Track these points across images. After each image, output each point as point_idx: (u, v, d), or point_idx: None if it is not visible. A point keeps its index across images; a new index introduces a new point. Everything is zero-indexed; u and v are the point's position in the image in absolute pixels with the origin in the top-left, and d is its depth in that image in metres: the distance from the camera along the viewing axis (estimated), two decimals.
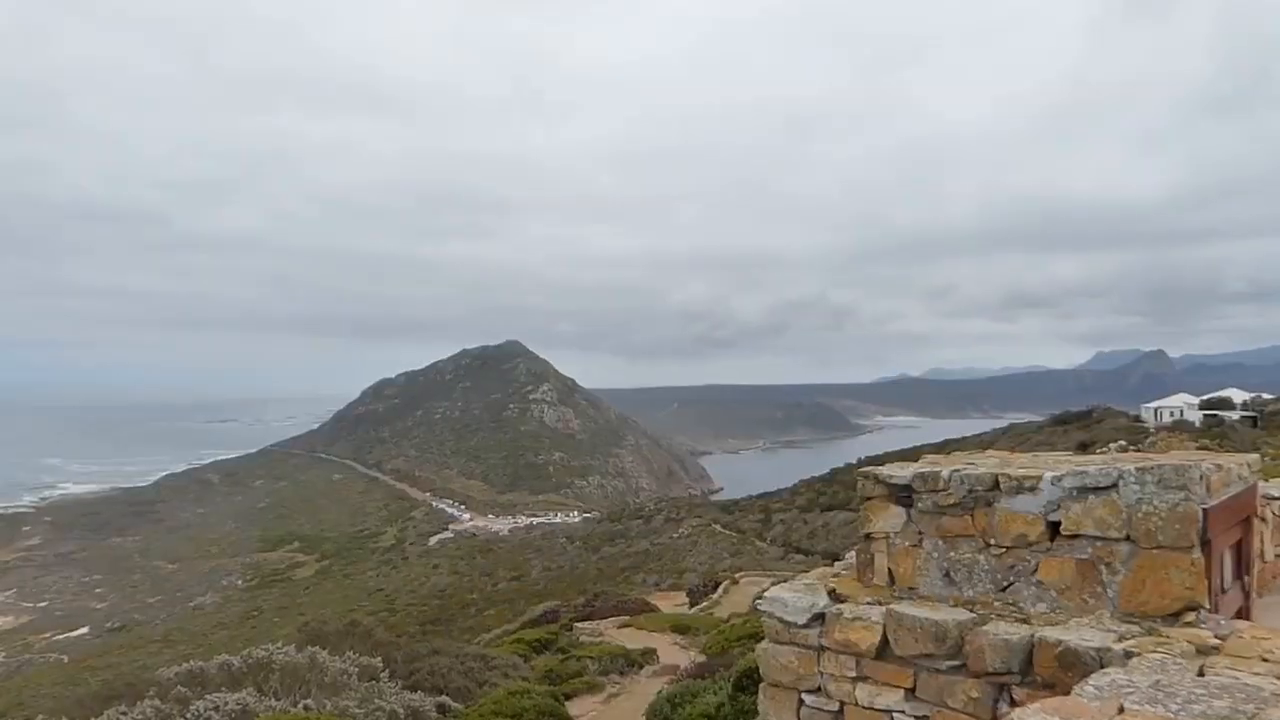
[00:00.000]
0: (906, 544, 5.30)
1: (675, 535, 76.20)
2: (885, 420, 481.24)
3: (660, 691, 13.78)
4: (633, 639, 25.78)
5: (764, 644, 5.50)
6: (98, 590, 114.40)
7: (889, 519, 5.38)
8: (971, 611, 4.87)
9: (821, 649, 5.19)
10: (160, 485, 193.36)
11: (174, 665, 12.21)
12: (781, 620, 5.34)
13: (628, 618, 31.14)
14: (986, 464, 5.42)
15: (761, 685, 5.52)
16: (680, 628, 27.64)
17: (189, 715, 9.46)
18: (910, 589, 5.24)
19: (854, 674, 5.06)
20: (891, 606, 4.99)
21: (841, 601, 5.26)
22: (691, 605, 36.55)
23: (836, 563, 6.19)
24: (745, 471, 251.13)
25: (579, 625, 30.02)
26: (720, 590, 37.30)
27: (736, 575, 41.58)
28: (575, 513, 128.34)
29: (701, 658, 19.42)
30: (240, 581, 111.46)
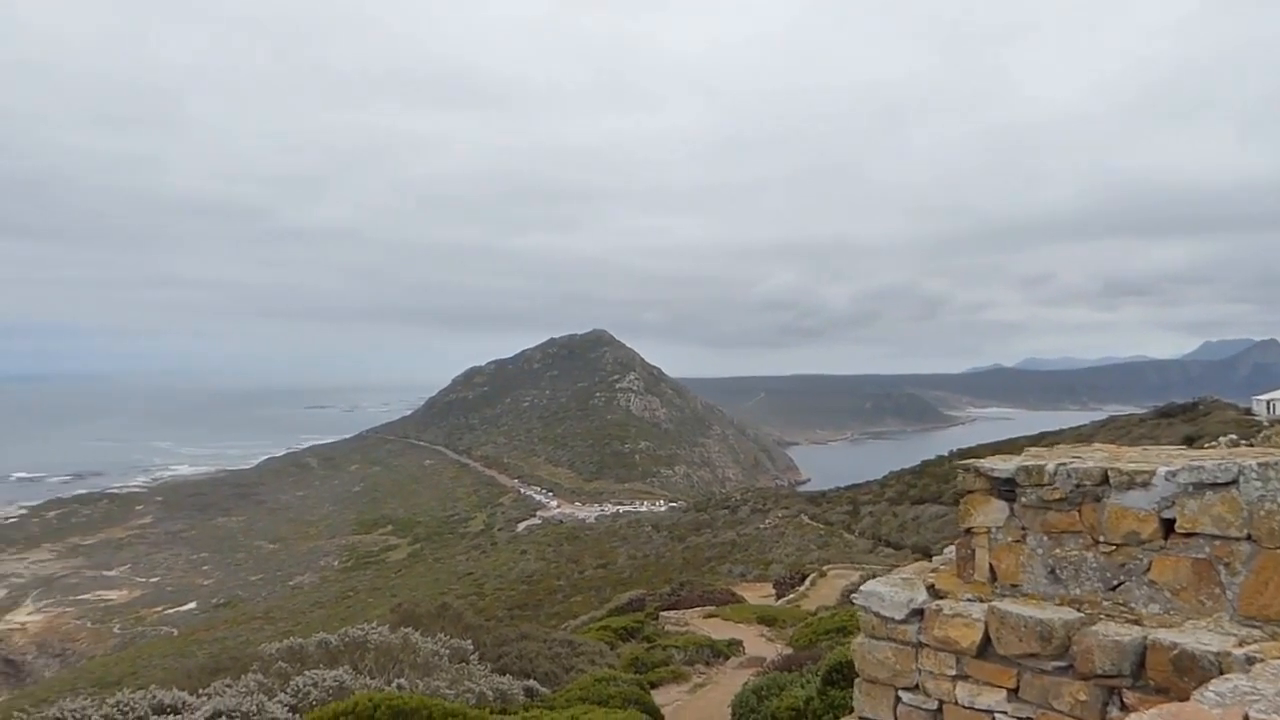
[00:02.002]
0: (1009, 539, 5.09)
1: (761, 526, 75.71)
2: (977, 411, 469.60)
3: (747, 683, 13.69)
4: (718, 629, 25.74)
5: (860, 638, 5.37)
6: (204, 568, 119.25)
7: (990, 513, 5.19)
8: (1079, 611, 4.65)
9: (920, 645, 5.03)
10: (262, 468, 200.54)
11: (275, 641, 12.60)
12: (878, 615, 5.20)
13: (713, 608, 31.11)
14: (1094, 457, 5.17)
15: (857, 681, 5.40)
16: (767, 619, 27.50)
17: (289, 690, 9.74)
18: (1013, 586, 5.04)
19: (954, 672, 4.89)
20: (994, 604, 4.81)
21: (941, 597, 5.09)
22: (778, 597, 36.31)
23: (935, 558, 6.01)
24: (832, 462, 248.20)
25: (664, 614, 30.07)
26: (807, 582, 36.94)
27: (824, 568, 41.14)
28: (661, 502, 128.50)
29: (789, 650, 19.26)
30: (336, 562, 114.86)
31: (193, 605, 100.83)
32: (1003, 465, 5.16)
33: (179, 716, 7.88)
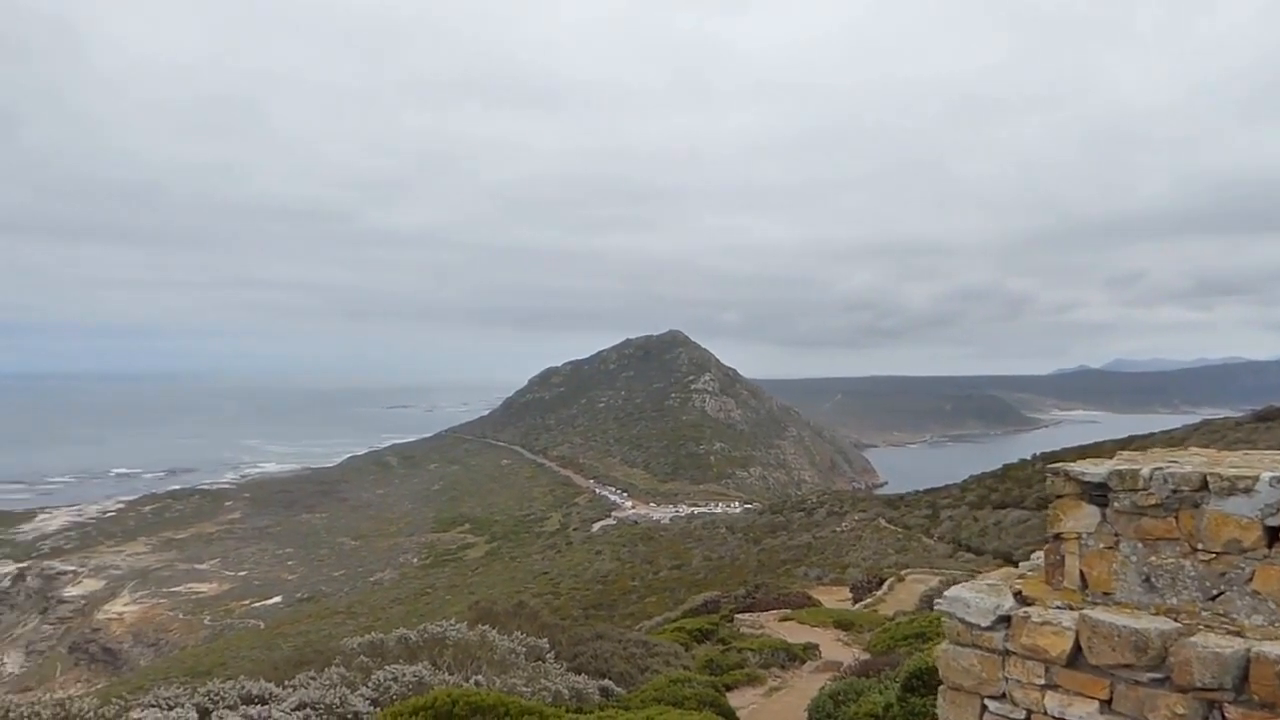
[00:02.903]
0: (1101, 546, 4.91)
1: (838, 529, 74.80)
2: (1062, 414, 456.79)
3: (823, 688, 13.52)
4: (794, 633, 25.50)
5: (944, 645, 5.23)
6: (289, 563, 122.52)
7: (1081, 519, 5.00)
8: (1175, 621, 4.46)
9: (1007, 653, 4.87)
10: (344, 466, 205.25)
11: (356, 636, 12.85)
12: (963, 621, 5.06)
13: (789, 611, 30.84)
14: (1192, 462, 4.95)
15: (941, 688, 5.26)
16: (843, 623, 27.13)
17: (371, 684, 9.92)
18: (1105, 594, 4.85)
19: (1043, 681, 4.72)
20: (1085, 612, 4.64)
21: (1029, 604, 4.93)
22: (855, 601, 35.84)
23: (1022, 564, 5.83)
24: (911, 465, 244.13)
25: (739, 616, 29.91)
26: (885, 587, 36.37)
27: (902, 572, 40.45)
28: (736, 503, 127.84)
29: (866, 655, 18.97)
30: (415, 559, 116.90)
31: (278, 599, 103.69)
32: (1094, 469, 4.97)
33: (266, 707, 8.08)
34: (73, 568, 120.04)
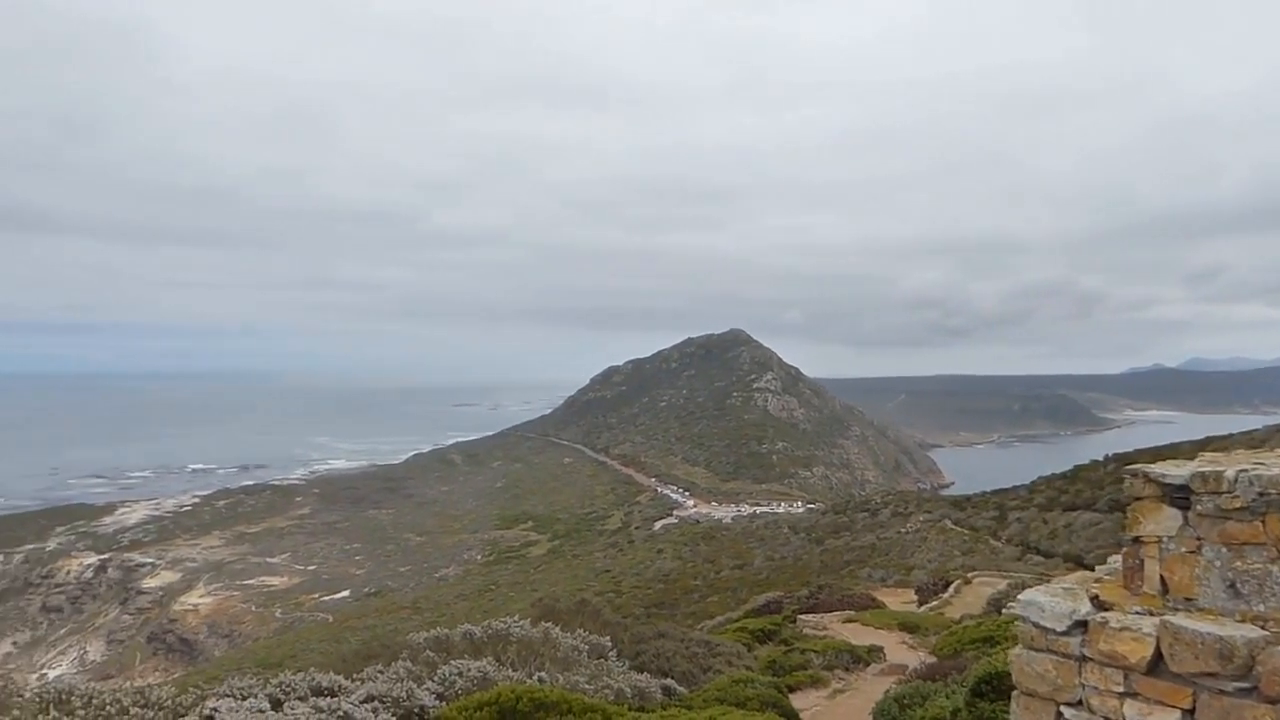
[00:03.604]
0: (1182, 550, 4.73)
1: (903, 530, 73.80)
2: (1135, 414, 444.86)
3: (888, 691, 13.34)
4: (858, 634, 25.20)
5: (1017, 649, 5.10)
6: (357, 558, 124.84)
7: (1161, 522, 4.83)
8: (1263, 629, 4.28)
9: (1083, 659, 4.73)
10: (410, 464, 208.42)
11: (422, 631, 13.01)
12: (1038, 626, 4.92)
13: (852, 612, 30.51)
14: (1279, 464, 4.76)
15: (1014, 694, 5.13)
16: (908, 626, 26.75)
17: (436, 678, 10.04)
18: (1186, 599, 4.68)
19: (1121, 689, 4.57)
20: (1166, 618, 4.48)
21: (1106, 609, 4.78)
22: (920, 604, 35.31)
23: (1099, 567, 5.65)
24: (978, 466, 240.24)
25: (802, 617, 29.67)
26: (951, 589, 35.75)
27: (969, 574, 39.73)
28: (799, 503, 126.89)
29: (932, 659, 18.67)
30: (479, 556, 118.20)
31: (346, 593, 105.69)
32: (1176, 471, 4.79)
33: (335, 699, 8.22)
34: (151, 560, 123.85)
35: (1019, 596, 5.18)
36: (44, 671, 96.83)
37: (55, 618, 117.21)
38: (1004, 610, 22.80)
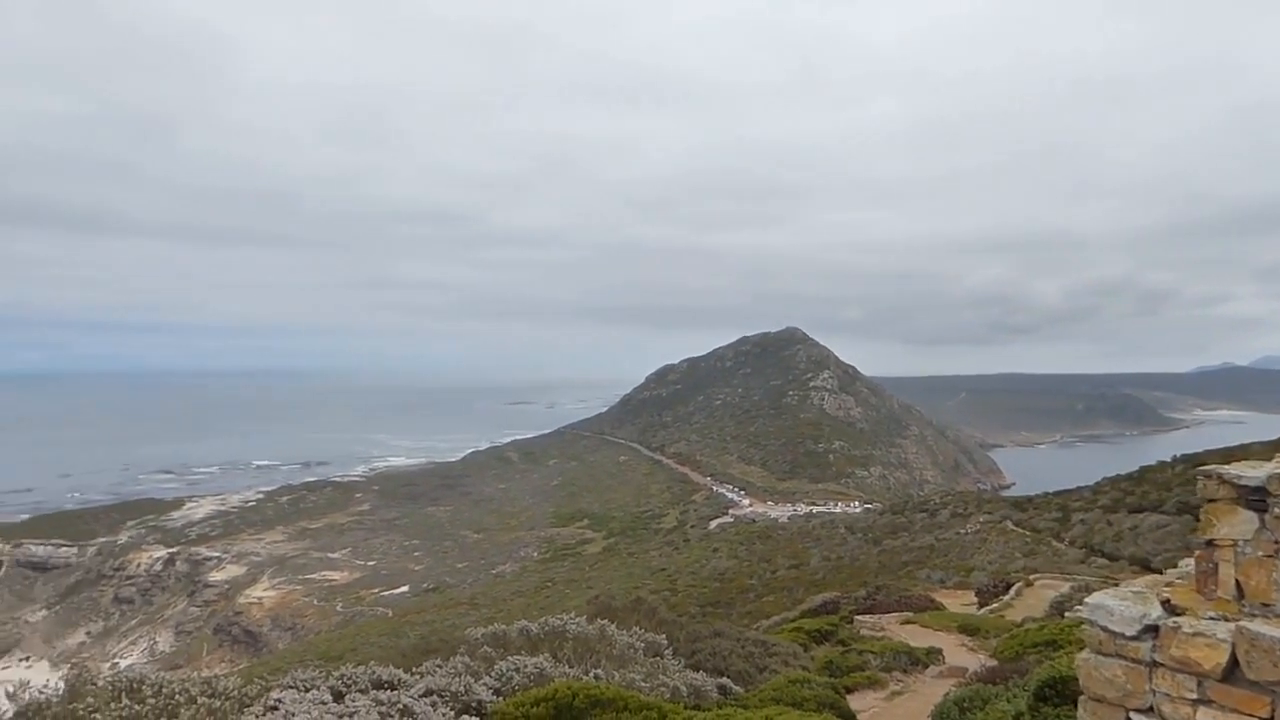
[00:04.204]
0: (1259, 554, 4.57)
1: (962, 531, 72.65)
2: (1205, 414, 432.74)
3: (948, 694, 13.13)
4: (916, 636, 24.88)
5: (1085, 654, 4.97)
6: (415, 554, 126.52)
7: (1237, 525, 4.67)
8: None
9: (1154, 664, 4.59)
10: (467, 461, 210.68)
11: (480, 627, 13.12)
12: (1106, 630, 4.79)
13: (910, 614, 30.14)
14: None
15: (1081, 699, 5.00)
16: (968, 628, 26.34)
17: (493, 674, 10.12)
18: (1264, 605, 4.52)
19: (1194, 696, 4.43)
20: (1242, 624, 4.33)
21: (1178, 614, 4.63)
22: (980, 606, 34.74)
23: (1169, 571, 5.49)
24: (1040, 466, 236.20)
25: (859, 618, 29.37)
26: (1012, 592, 35.11)
27: (1030, 577, 38.99)
28: (856, 503, 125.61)
29: (992, 662, 18.37)
30: (535, 553, 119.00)
31: (405, 589, 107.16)
32: (1252, 473, 4.62)
33: (395, 692, 8.33)
34: (217, 554, 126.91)
35: (1086, 599, 5.05)
36: (116, 660, 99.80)
37: (126, 609, 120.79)
38: (1068, 613, 22.34)
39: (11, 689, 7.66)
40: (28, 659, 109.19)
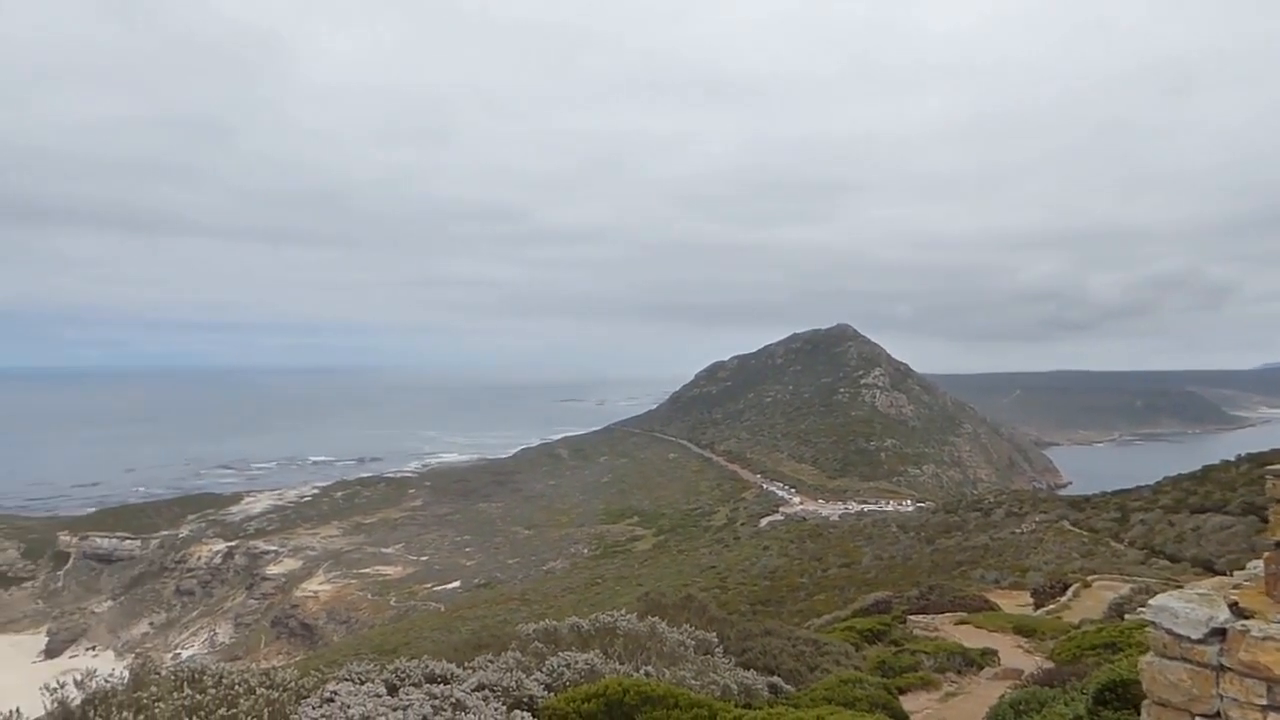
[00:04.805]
0: None
1: (1017, 530, 71.49)
2: (1271, 412, 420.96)
3: (1003, 696, 12.93)
4: (970, 637, 24.54)
5: (1149, 657, 4.85)
6: (467, 549, 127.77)
7: None
8: None
9: (1221, 668, 4.47)
10: (518, 458, 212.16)
11: (531, 622, 13.21)
12: (1171, 633, 4.67)
13: (965, 614, 29.73)
14: None
15: (1145, 704, 4.88)
16: (1024, 630, 25.92)
17: (545, 669, 10.18)
18: None
19: (1264, 702, 4.30)
20: None
21: (1246, 617, 4.50)
22: (1036, 607, 34.16)
23: (1237, 573, 5.34)
24: (1097, 465, 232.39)
25: (912, 618, 29.04)
26: (1069, 593, 34.46)
27: (1088, 578, 38.25)
28: (908, 502, 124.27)
29: (1049, 664, 18.06)
30: (585, 550, 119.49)
31: (457, 584, 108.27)
32: None
33: (448, 686, 8.41)
34: (274, 548, 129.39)
35: (1150, 601, 4.93)
36: (178, 651, 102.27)
37: (187, 600, 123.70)
38: (1128, 615, 21.86)
39: (79, 677, 7.88)
40: (94, 648, 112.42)
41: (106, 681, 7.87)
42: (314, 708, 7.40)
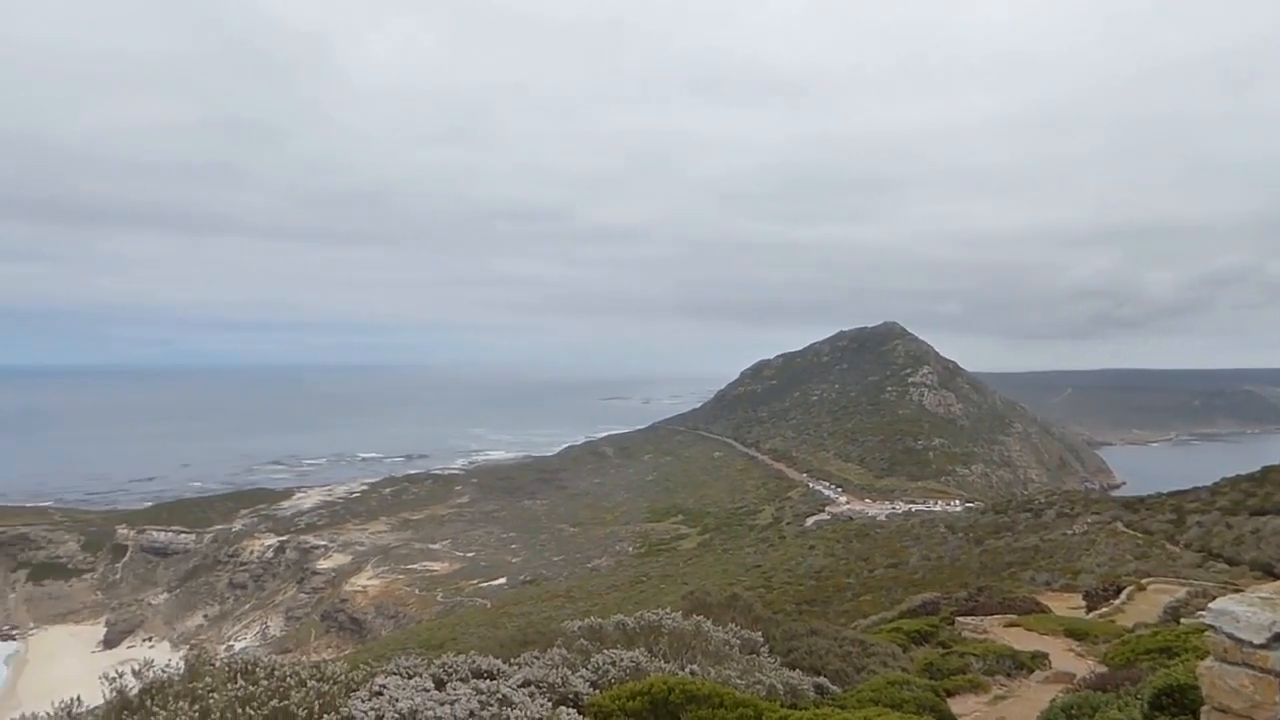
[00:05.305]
0: None
1: (1069, 532, 70.26)
2: None
3: (1054, 700, 12.73)
4: (1020, 639, 24.22)
5: (1208, 662, 4.73)
6: (512, 546, 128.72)
7: None
8: None
9: None
10: (563, 455, 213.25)
11: (576, 620, 13.26)
12: (1232, 637, 4.55)
13: (1015, 616, 29.33)
14: None
15: (1204, 709, 4.77)
16: (1076, 632, 25.52)
17: (590, 666, 10.21)
18: None
19: None
20: None
21: None
22: (1088, 610, 33.59)
23: None
24: (1152, 465, 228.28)
25: (960, 620, 28.72)
26: (1123, 596, 33.83)
27: (1143, 581, 37.53)
28: (956, 502, 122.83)
29: (1102, 668, 17.74)
30: (630, 548, 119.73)
31: (503, 580, 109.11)
32: None
33: (494, 682, 8.47)
34: (324, 543, 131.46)
35: (1210, 605, 4.81)
36: (230, 643, 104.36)
37: (240, 594, 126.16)
38: (1185, 619, 21.41)
39: (137, 667, 8.07)
40: (150, 639, 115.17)
41: (163, 672, 8.05)
42: (363, 701, 7.50)
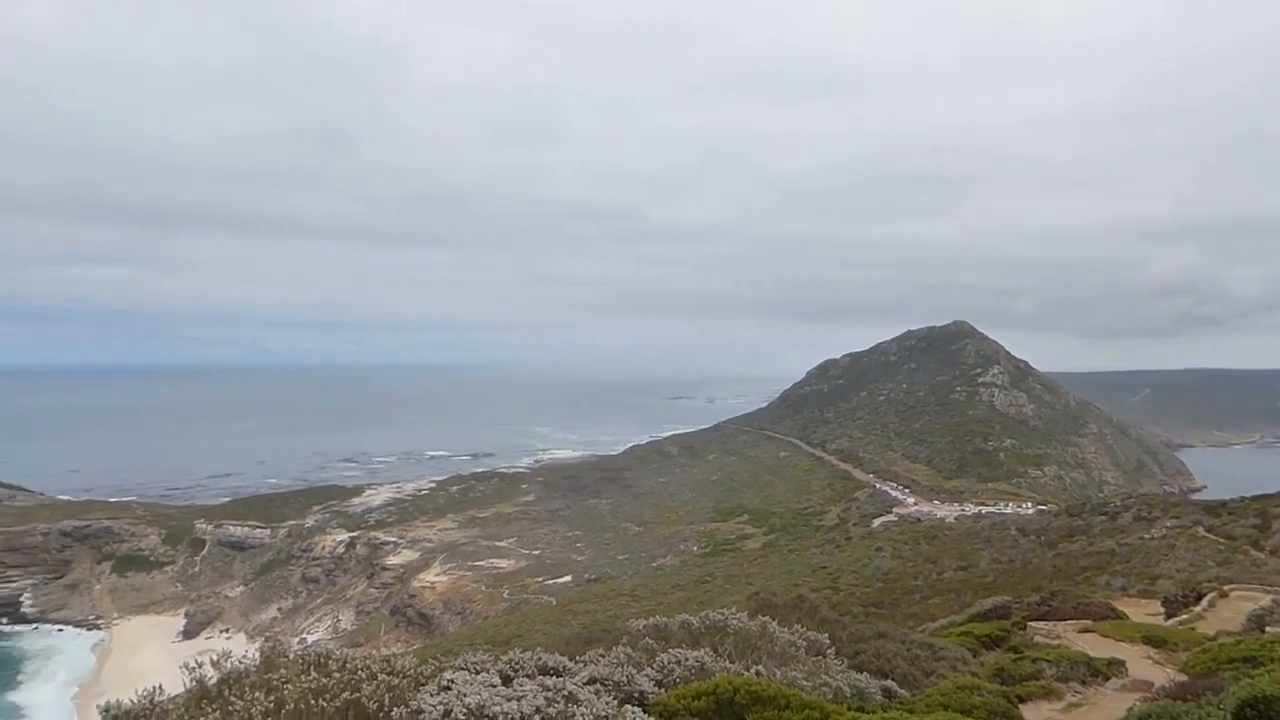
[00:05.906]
0: None
1: (1146, 536, 68.25)
2: None
3: (1132, 708, 12.39)
4: (1095, 646, 23.64)
5: None
6: (577, 544, 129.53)
7: None
8: None
9: None
10: (628, 454, 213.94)
11: (641, 619, 13.32)
12: None
13: (1089, 622, 28.62)
14: None
15: None
16: (1154, 640, 24.80)
17: (655, 665, 10.25)
18: None
19: None
20: None
21: None
22: (1167, 617, 32.61)
23: None
24: (1235, 468, 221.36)
25: (1033, 625, 28.14)
26: (1204, 603, 32.78)
27: (1225, 587, 36.29)
28: (1028, 504, 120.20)
29: (1182, 677, 17.22)
30: (695, 548, 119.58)
31: (568, 578, 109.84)
32: None
33: (560, 679, 8.56)
34: (393, 539, 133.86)
35: None
36: (304, 636, 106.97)
37: (313, 588, 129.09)
38: (1270, 627, 20.72)
39: (215, 658, 8.36)
40: (227, 630, 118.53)
41: (240, 663, 8.33)
42: (432, 695, 7.64)
